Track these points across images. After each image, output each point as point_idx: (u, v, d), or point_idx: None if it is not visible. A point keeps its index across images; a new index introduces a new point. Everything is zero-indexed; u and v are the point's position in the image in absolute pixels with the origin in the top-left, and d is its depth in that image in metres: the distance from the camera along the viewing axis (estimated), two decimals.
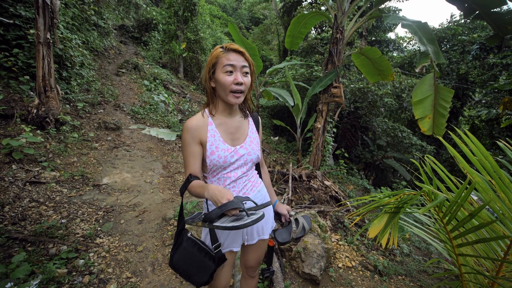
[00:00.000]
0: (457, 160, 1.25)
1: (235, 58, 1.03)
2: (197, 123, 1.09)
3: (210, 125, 1.12)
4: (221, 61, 1.03)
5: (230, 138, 1.15)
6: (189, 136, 1.08)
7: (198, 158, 1.10)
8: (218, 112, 1.15)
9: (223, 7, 24.74)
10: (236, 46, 1.05)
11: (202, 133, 1.09)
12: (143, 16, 11.76)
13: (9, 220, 2.38)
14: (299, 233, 1.33)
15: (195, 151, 1.09)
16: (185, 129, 1.08)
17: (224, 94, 1.07)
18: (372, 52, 3.81)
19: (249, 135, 1.21)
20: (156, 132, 4.99)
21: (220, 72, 1.04)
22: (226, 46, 1.06)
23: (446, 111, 3.02)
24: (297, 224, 1.36)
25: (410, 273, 2.67)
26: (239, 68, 1.04)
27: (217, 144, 1.10)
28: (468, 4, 2.81)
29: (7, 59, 4.21)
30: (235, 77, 1.03)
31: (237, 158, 1.14)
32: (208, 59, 1.09)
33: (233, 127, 1.17)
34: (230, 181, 1.15)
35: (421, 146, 7.34)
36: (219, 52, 1.04)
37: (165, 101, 7.40)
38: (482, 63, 9.08)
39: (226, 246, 1.19)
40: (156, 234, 2.66)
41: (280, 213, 1.40)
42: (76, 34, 6.07)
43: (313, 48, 10.16)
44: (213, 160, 1.09)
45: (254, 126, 1.27)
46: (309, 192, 3.74)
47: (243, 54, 1.06)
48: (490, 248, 1.21)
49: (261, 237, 1.31)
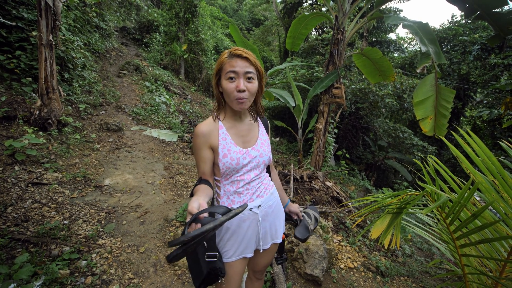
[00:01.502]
0: (460, 161, 1.25)
1: (238, 64, 1.02)
2: (208, 128, 1.10)
3: (221, 129, 1.12)
4: (225, 68, 1.04)
5: (241, 141, 1.16)
6: (200, 141, 1.08)
7: (208, 163, 1.11)
8: (228, 116, 1.16)
9: (224, 9, 24.80)
10: (240, 52, 1.03)
11: (213, 138, 1.10)
12: (144, 18, 11.81)
13: (12, 221, 2.39)
14: (314, 224, 1.38)
15: (205, 156, 1.10)
16: (196, 135, 1.09)
17: (229, 100, 1.07)
18: (373, 53, 3.81)
19: (259, 137, 1.22)
20: (158, 133, 5.01)
21: (223, 79, 1.04)
22: (231, 51, 1.05)
23: (448, 111, 3.02)
24: (309, 217, 1.40)
25: (413, 274, 2.66)
26: (242, 75, 1.03)
27: (228, 147, 1.11)
28: (469, 4, 2.81)
29: (9, 61, 4.24)
30: (237, 84, 1.02)
31: (249, 160, 1.14)
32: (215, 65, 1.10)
33: (244, 129, 1.18)
34: (244, 184, 1.15)
35: (422, 147, 7.32)
36: (224, 58, 1.04)
37: (166, 102, 7.42)
38: (483, 64, 9.06)
39: (240, 253, 1.17)
40: (158, 235, 2.66)
41: (293, 212, 1.42)
42: (78, 36, 6.10)
43: (314, 49, 10.17)
44: (226, 163, 1.09)
45: (264, 129, 1.27)
46: (310, 193, 3.73)
47: (248, 59, 1.04)
48: (493, 249, 1.20)
49: (274, 241, 1.29)
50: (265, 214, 1.21)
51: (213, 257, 1.00)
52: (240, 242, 1.15)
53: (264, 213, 1.20)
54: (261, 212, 1.19)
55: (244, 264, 1.20)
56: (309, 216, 1.40)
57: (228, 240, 1.15)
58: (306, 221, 1.37)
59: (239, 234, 1.15)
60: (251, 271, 1.44)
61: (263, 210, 1.20)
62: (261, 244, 1.23)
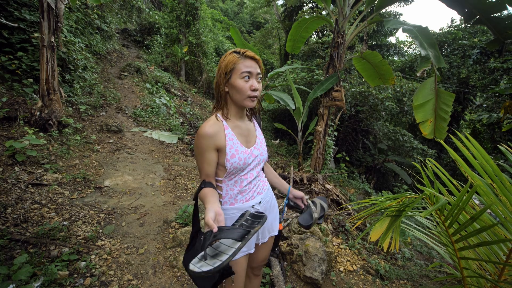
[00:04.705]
0: (459, 164, 1.25)
1: (251, 65, 1.07)
2: (214, 130, 1.08)
3: (227, 129, 1.12)
4: (239, 67, 1.06)
5: (245, 141, 1.18)
6: (205, 142, 1.06)
7: (212, 165, 1.10)
8: (231, 115, 1.17)
9: (225, 12, 24.95)
10: (253, 54, 1.09)
11: (219, 139, 1.08)
12: (145, 20, 11.86)
13: (11, 222, 2.39)
14: (319, 212, 1.35)
15: (210, 157, 1.08)
16: (201, 136, 1.06)
17: (241, 98, 1.09)
18: (373, 56, 3.83)
19: (257, 136, 1.26)
20: (158, 135, 5.01)
21: (237, 78, 1.07)
22: (242, 52, 1.09)
23: (447, 115, 3.03)
24: (314, 206, 1.38)
25: (412, 277, 2.65)
26: (255, 75, 1.09)
27: (236, 147, 1.12)
28: (469, 9, 2.84)
29: (11, 62, 4.26)
30: (251, 84, 1.07)
31: (253, 159, 1.17)
32: (221, 64, 1.10)
33: (245, 129, 1.20)
34: (247, 183, 1.17)
35: (422, 150, 7.34)
36: (237, 58, 1.07)
37: (166, 104, 7.43)
38: (482, 68, 9.10)
39: (246, 250, 1.19)
40: (157, 236, 2.66)
41: (298, 197, 1.41)
42: (80, 38, 6.13)
43: (314, 52, 10.22)
44: (234, 163, 1.10)
45: (259, 128, 1.32)
46: (310, 196, 3.73)
47: (258, 62, 1.10)
48: (492, 252, 1.21)
49: (271, 234, 1.35)
50: (264, 209, 1.27)
51: None
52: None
53: (264, 209, 1.26)
54: (262, 208, 1.24)
55: (247, 260, 1.25)
56: (315, 204, 1.38)
57: None
58: (312, 208, 1.35)
59: None
60: (249, 268, 1.45)
61: (263, 205, 1.25)
62: (260, 238, 1.29)
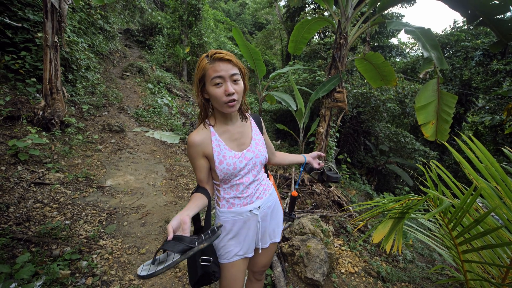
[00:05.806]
0: (463, 166, 1.25)
1: (222, 67, 0.98)
2: (200, 138, 1.08)
3: (213, 136, 1.10)
4: (209, 74, 0.99)
5: (235, 144, 1.15)
6: (193, 151, 1.08)
7: (204, 171, 1.12)
8: (218, 121, 1.14)
9: (227, 12, 24.99)
10: (221, 55, 0.98)
11: (206, 147, 1.09)
12: (148, 20, 11.91)
13: (14, 221, 2.40)
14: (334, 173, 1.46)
15: (200, 164, 1.11)
16: (189, 145, 1.08)
17: (219, 106, 1.04)
18: (375, 58, 3.82)
19: (253, 137, 1.21)
20: (160, 135, 5.02)
21: (209, 85, 1.00)
22: (211, 55, 0.99)
23: (450, 117, 3.01)
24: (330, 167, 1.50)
25: (414, 280, 2.64)
26: (228, 78, 0.99)
27: (223, 153, 1.10)
28: (472, 10, 2.83)
29: (14, 62, 4.28)
30: (225, 88, 0.99)
31: (246, 163, 1.13)
32: (195, 72, 1.03)
33: (237, 132, 1.16)
34: (243, 187, 1.15)
35: (424, 152, 7.31)
36: (205, 64, 0.99)
37: (168, 104, 7.45)
38: (485, 69, 9.07)
39: (242, 253, 1.20)
40: (159, 236, 2.66)
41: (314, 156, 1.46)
42: (83, 38, 6.15)
43: (316, 53, 10.21)
44: (223, 169, 1.09)
45: (257, 128, 1.26)
46: (311, 197, 3.73)
47: (230, 61, 0.99)
48: (496, 255, 1.20)
49: (272, 241, 1.32)
50: (264, 215, 1.23)
51: (207, 261, 1.05)
52: (242, 242, 1.18)
53: (263, 214, 1.23)
54: (261, 213, 1.21)
55: (246, 263, 1.24)
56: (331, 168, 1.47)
57: (230, 240, 1.17)
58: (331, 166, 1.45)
59: (240, 235, 1.18)
60: (250, 272, 1.45)
61: (263, 211, 1.22)
62: (259, 244, 1.26)
